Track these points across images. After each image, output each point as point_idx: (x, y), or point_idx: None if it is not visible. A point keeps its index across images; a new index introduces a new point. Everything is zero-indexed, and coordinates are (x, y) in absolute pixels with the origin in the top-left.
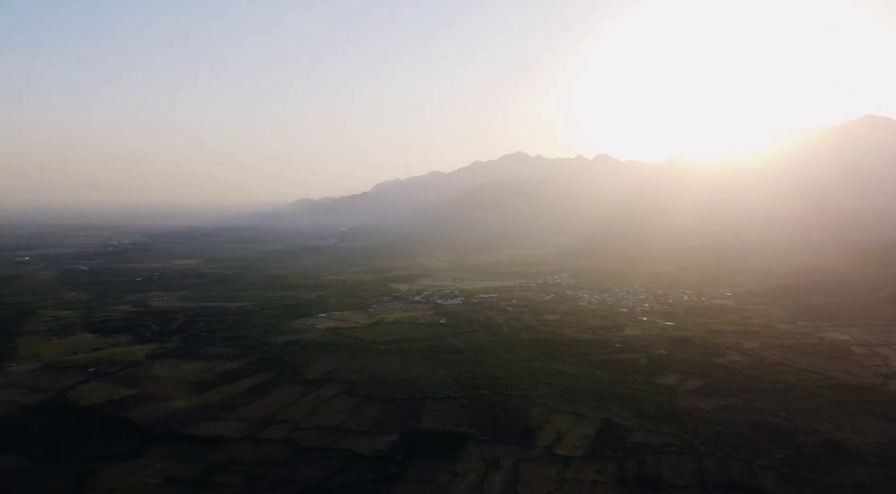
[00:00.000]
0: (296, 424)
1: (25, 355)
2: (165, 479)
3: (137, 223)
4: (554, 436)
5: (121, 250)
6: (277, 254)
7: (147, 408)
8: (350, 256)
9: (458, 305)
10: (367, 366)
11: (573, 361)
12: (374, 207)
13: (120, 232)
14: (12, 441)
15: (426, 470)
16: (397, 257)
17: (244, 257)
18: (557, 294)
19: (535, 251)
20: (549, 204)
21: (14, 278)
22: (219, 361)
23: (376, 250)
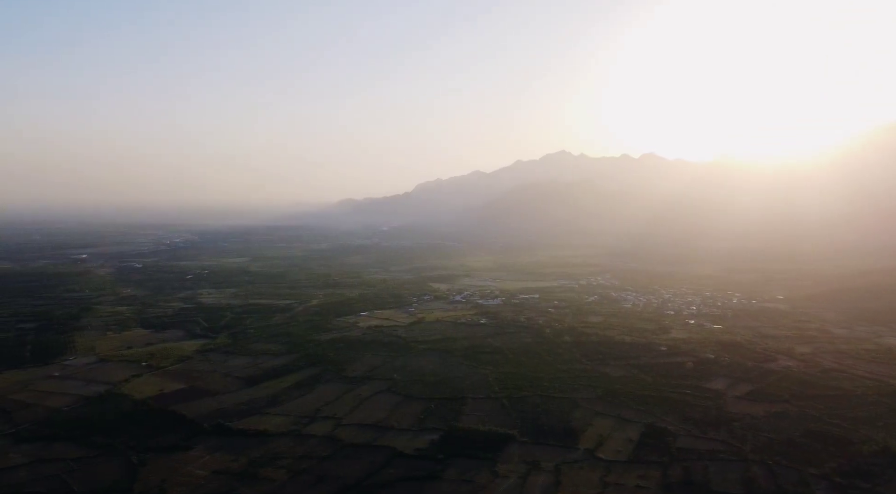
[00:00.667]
0: (338, 420)
1: (83, 348)
2: (212, 472)
3: (189, 223)
4: (596, 439)
5: (173, 249)
6: (322, 253)
7: (196, 402)
8: (392, 255)
9: (498, 305)
10: (408, 365)
11: (617, 364)
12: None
13: (173, 231)
14: (71, 431)
15: (466, 470)
16: (438, 256)
17: (290, 256)
18: (601, 296)
19: (577, 252)
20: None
21: (73, 274)
22: (265, 357)
23: (417, 250)
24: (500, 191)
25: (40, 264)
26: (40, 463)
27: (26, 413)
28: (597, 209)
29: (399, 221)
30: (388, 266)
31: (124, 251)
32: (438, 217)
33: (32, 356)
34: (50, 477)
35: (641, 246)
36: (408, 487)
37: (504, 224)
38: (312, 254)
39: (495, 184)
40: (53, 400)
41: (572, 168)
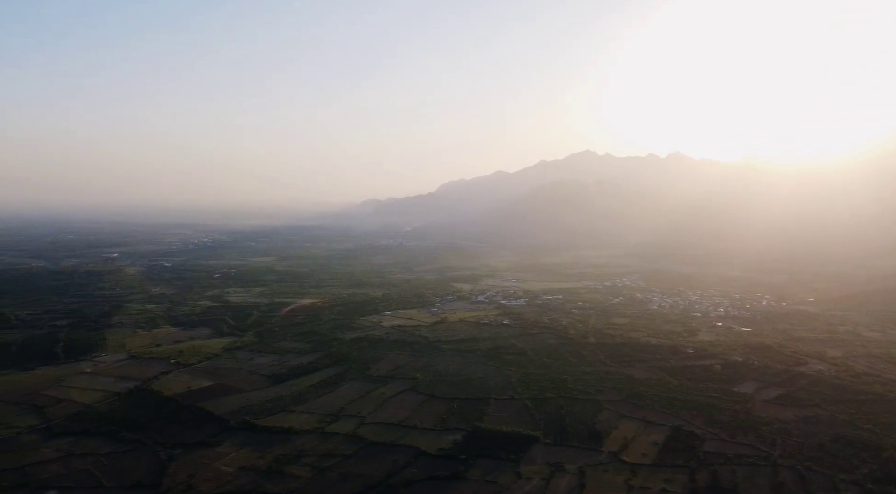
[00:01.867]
0: (362, 419)
1: (114, 346)
2: (239, 468)
3: (217, 223)
4: (621, 442)
5: (201, 248)
6: (346, 253)
7: (223, 399)
8: (415, 255)
9: (522, 306)
10: (431, 364)
11: (643, 366)
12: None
13: (201, 231)
14: (101, 427)
15: (490, 471)
16: (461, 256)
17: (315, 256)
18: (626, 297)
19: (602, 253)
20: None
21: (104, 273)
22: (290, 355)
23: (440, 250)
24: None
25: (72, 263)
26: (72, 458)
27: (59, 409)
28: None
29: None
30: (411, 266)
31: (154, 250)
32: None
33: (65, 353)
34: (81, 472)
35: (668, 247)
36: (431, 487)
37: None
38: (337, 254)
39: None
40: (85, 396)
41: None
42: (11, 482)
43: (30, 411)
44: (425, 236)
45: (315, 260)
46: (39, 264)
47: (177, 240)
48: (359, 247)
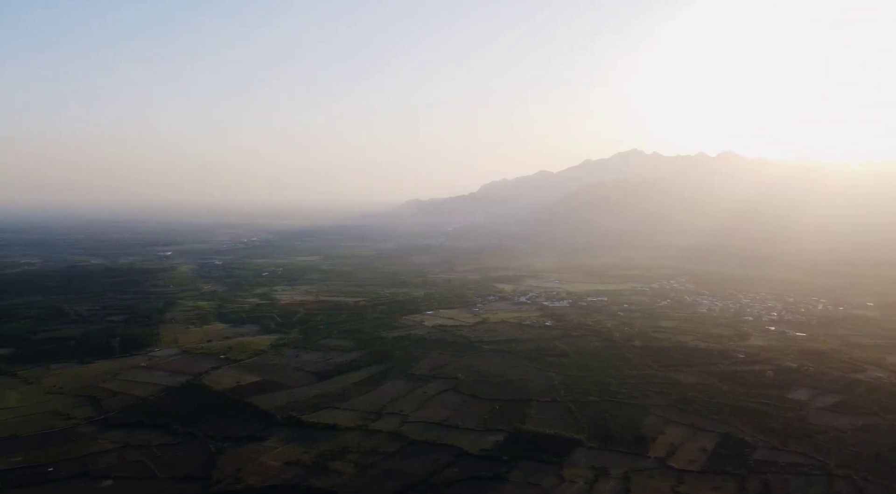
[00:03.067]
0: (405, 417)
1: (167, 341)
2: (285, 463)
3: (265, 222)
4: (668, 448)
5: (250, 247)
6: (389, 252)
7: (270, 395)
8: (456, 255)
9: (565, 307)
10: (473, 365)
11: (691, 370)
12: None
13: (249, 230)
14: (155, 419)
15: (532, 473)
16: (503, 257)
17: (359, 255)
18: (674, 299)
19: (649, 254)
20: (666, 204)
21: (158, 270)
22: (335, 353)
23: (482, 250)
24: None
25: (128, 261)
26: (127, 449)
27: (115, 401)
28: (671, 210)
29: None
30: (452, 266)
31: (205, 249)
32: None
33: (121, 348)
34: (135, 463)
35: (718, 248)
36: (473, 487)
37: (571, 225)
38: (379, 253)
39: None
40: (139, 389)
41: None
42: (70, 472)
43: (87, 403)
44: (467, 236)
45: (358, 259)
46: (97, 262)
47: (227, 239)
48: (401, 247)
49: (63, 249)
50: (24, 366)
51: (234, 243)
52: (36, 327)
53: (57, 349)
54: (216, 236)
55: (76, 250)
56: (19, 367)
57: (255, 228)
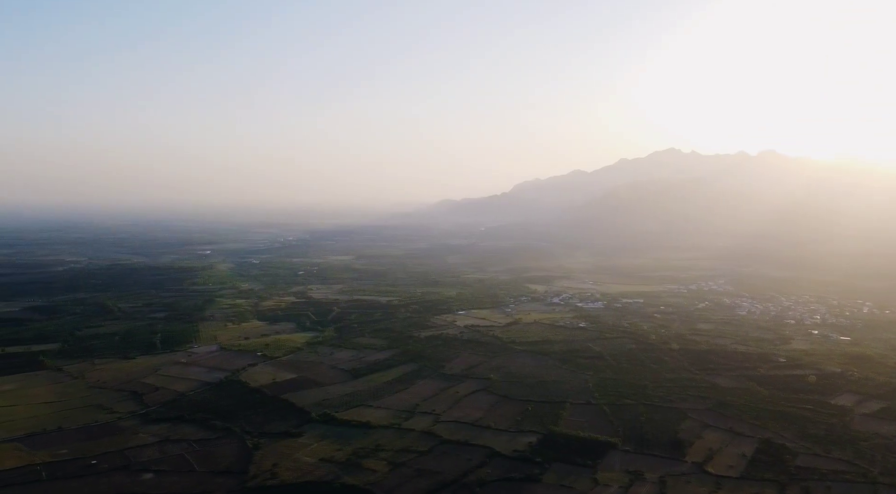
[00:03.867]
0: (437, 417)
1: (206, 338)
2: (319, 459)
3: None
4: (705, 453)
5: (286, 246)
6: (421, 252)
7: (305, 392)
8: (489, 255)
9: (599, 309)
10: (505, 365)
11: (730, 374)
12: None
13: (285, 230)
14: (194, 414)
15: (566, 475)
16: (536, 257)
17: (392, 255)
18: (712, 302)
19: (687, 255)
20: (705, 205)
21: (198, 269)
22: (368, 351)
23: (515, 251)
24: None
25: (169, 260)
26: (167, 443)
27: (156, 396)
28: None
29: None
30: (484, 266)
31: (243, 248)
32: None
33: (162, 344)
34: (175, 457)
35: (759, 250)
36: (505, 488)
37: (606, 225)
38: (412, 253)
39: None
40: (179, 385)
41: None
42: (113, 464)
43: (130, 397)
44: (499, 236)
45: (391, 259)
46: (140, 261)
47: (263, 238)
48: (433, 247)
49: (106, 247)
50: (70, 361)
51: (270, 243)
52: (81, 323)
53: (101, 345)
54: (254, 235)
55: (119, 249)
56: (65, 362)
57: (291, 228)
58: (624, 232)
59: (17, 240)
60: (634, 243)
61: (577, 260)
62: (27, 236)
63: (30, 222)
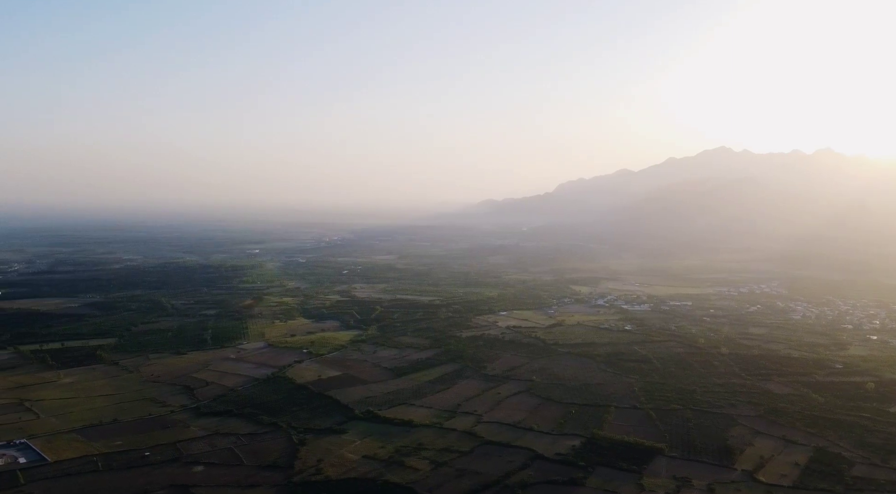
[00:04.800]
0: (479, 417)
1: (254, 334)
2: (363, 456)
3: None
4: (756, 461)
5: (331, 246)
6: (463, 252)
7: (349, 389)
8: (531, 256)
9: (645, 311)
10: (548, 367)
11: (782, 380)
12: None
13: (331, 229)
14: (242, 409)
15: (610, 480)
16: (580, 258)
17: (434, 255)
18: (765, 305)
19: (737, 257)
20: (758, 205)
21: (247, 267)
22: (410, 350)
23: (558, 251)
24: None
25: (220, 258)
26: (216, 437)
27: (206, 391)
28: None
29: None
30: (527, 267)
31: (290, 247)
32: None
33: (213, 340)
34: (224, 450)
35: (814, 252)
36: (548, 491)
37: (653, 226)
38: (453, 253)
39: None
40: (228, 380)
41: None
42: (165, 456)
43: (182, 391)
44: (542, 236)
45: (433, 259)
46: (192, 259)
47: (310, 238)
48: (475, 247)
49: (161, 246)
50: (126, 355)
51: (316, 242)
52: (137, 319)
53: (155, 340)
54: (300, 235)
55: (173, 248)
56: (121, 356)
57: (336, 227)
58: (672, 233)
59: (77, 239)
60: (683, 245)
61: (623, 261)
62: (87, 234)
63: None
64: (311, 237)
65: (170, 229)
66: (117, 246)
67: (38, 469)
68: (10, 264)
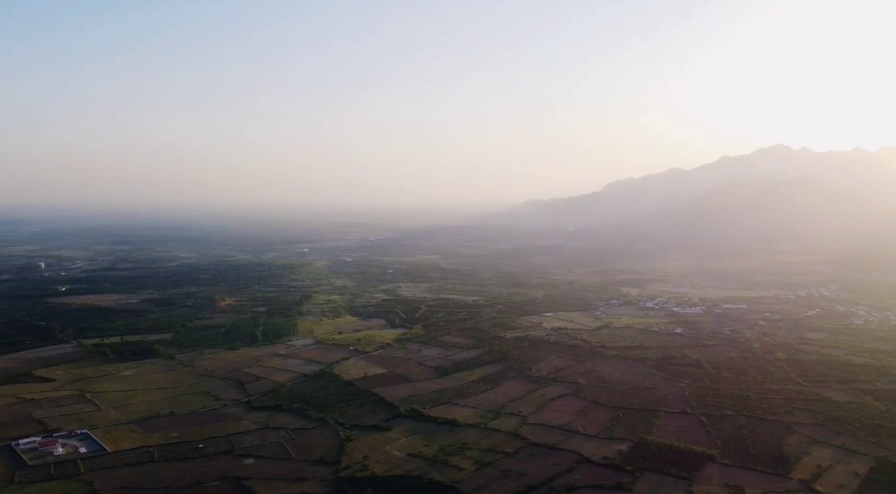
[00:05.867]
0: (523, 419)
1: (303, 331)
2: (408, 454)
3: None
4: (813, 470)
5: (377, 245)
6: (508, 253)
7: (395, 387)
8: (577, 256)
9: (697, 314)
10: (595, 370)
11: (842, 387)
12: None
13: (377, 229)
14: (292, 404)
15: (659, 486)
16: (629, 259)
17: (478, 255)
18: (824, 309)
19: (795, 259)
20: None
21: (297, 266)
22: (455, 349)
23: (605, 252)
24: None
25: (271, 256)
26: (267, 431)
27: (258, 385)
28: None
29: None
30: (573, 268)
31: (337, 247)
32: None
33: (263, 336)
34: (273, 444)
35: (877, 254)
36: None
37: (706, 226)
38: (498, 253)
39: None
40: (278, 376)
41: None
42: (218, 448)
43: (234, 386)
44: (589, 236)
45: (477, 259)
46: (244, 257)
47: (356, 237)
48: (520, 247)
49: (214, 244)
50: (182, 350)
51: (362, 242)
52: (192, 315)
53: (209, 336)
54: (347, 234)
55: (226, 246)
56: (177, 351)
57: (382, 227)
58: (725, 234)
59: (136, 237)
60: (737, 246)
61: (675, 263)
62: (144, 233)
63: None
64: (358, 237)
65: (221, 228)
66: (174, 244)
67: (97, 458)
68: (74, 261)
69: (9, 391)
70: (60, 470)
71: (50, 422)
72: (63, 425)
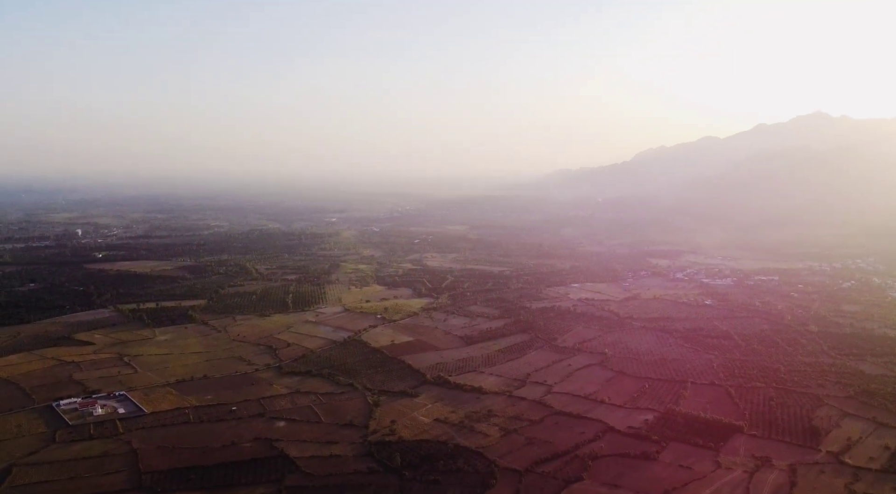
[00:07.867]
0: (549, 387)
1: (332, 299)
2: (434, 419)
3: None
4: (843, 443)
5: (404, 215)
6: (535, 223)
7: (421, 354)
8: (606, 227)
9: (728, 286)
10: (621, 341)
11: (877, 361)
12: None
13: (405, 199)
14: (321, 369)
15: (685, 456)
16: (658, 230)
17: (505, 225)
18: (860, 282)
19: (832, 231)
20: (856, 176)
21: (326, 235)
22: (481, 319)
23: (635, 223)
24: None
25: (301, 226)
26: (297, 395)
27: (288, 351)
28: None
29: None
30: (601, 239)
31: (366, 217)
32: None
33: (294, 304)
34: (304, 408)
35: None
36: (620, 463)
37: (740, 197)
38: (525, 224)
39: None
40: (308, 342)
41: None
42: (250, 411)
43: (266, 351)
44: (618, 207)
45: (504, 229)
46: (275, 226)
47: (385, 208)
48: (547, 218)
49: (246, 213)
50: (215, 316)
51: (390, 212)
52: (224, 282)
53: (241, 303)
54: (375, 205)
55: (258, 215)
56: (211, 316)
57: (409, 197)
58: (760, 205)
59: (172, 206)
60: (771, 218)
61: (706, 234)
62: (179, 202)
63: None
64: (386, 207)
65: (255, 197)
66: (208, 213)
67: (135, 419)
68: (111, 229)
69: (50, 353)
70: (100, 430)
71: (90, 384)
72: (102, 386)
